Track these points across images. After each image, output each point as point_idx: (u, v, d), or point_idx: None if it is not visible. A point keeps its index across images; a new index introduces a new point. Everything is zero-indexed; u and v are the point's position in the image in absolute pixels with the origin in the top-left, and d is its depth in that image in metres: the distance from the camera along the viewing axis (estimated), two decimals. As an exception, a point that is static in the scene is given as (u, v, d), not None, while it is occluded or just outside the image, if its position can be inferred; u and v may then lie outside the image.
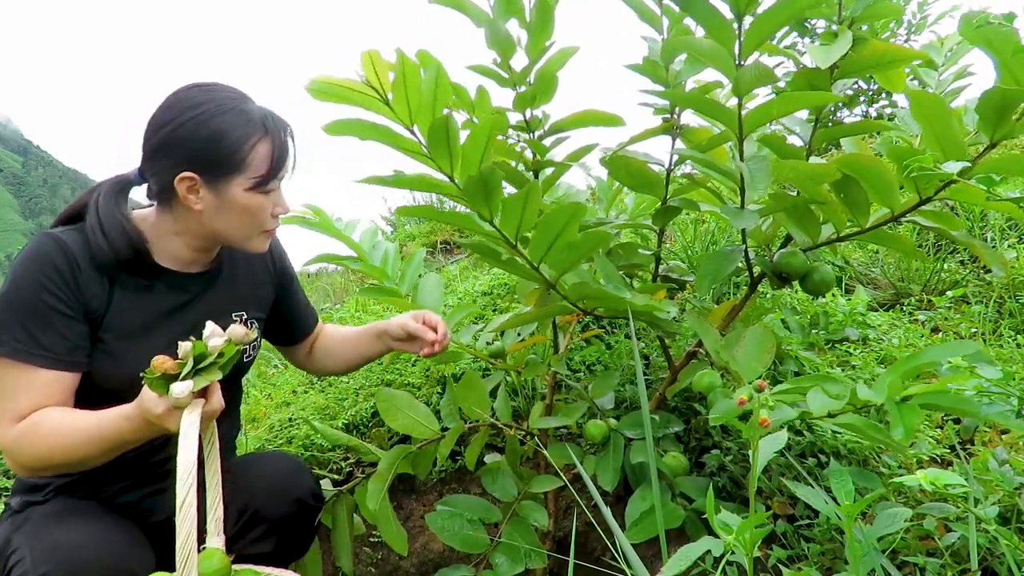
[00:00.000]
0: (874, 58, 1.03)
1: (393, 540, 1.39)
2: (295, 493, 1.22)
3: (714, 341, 1.13)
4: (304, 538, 1.28)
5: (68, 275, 1.06)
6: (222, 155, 1.07)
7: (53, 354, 1.04)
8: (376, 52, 0.96)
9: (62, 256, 1.06)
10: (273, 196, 1.14)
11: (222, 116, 1.07)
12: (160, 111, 1.09)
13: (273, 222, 1.17)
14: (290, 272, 1.38)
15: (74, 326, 1.06)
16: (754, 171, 1.00)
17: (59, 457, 1.02)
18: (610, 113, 1.25)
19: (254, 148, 1.08)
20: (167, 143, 1.08)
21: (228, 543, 1.18)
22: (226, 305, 1.24)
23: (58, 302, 1.05)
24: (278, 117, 1.13)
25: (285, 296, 1.37)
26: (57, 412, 1.04)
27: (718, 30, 0.95)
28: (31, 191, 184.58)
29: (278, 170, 1.12)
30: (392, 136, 1.03)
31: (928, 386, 0.85)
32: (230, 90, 1.12)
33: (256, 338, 1.30)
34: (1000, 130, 0.92)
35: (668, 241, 2.41)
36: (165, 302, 1.16)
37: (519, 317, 1.24)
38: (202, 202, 1.10)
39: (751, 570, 0.77)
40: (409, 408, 1.44)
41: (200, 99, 1.08)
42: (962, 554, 1.02)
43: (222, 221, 1.12)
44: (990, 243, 2.12)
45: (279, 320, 1.38)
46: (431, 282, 1.53)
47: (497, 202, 1.04)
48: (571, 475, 1.38)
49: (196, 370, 0.94)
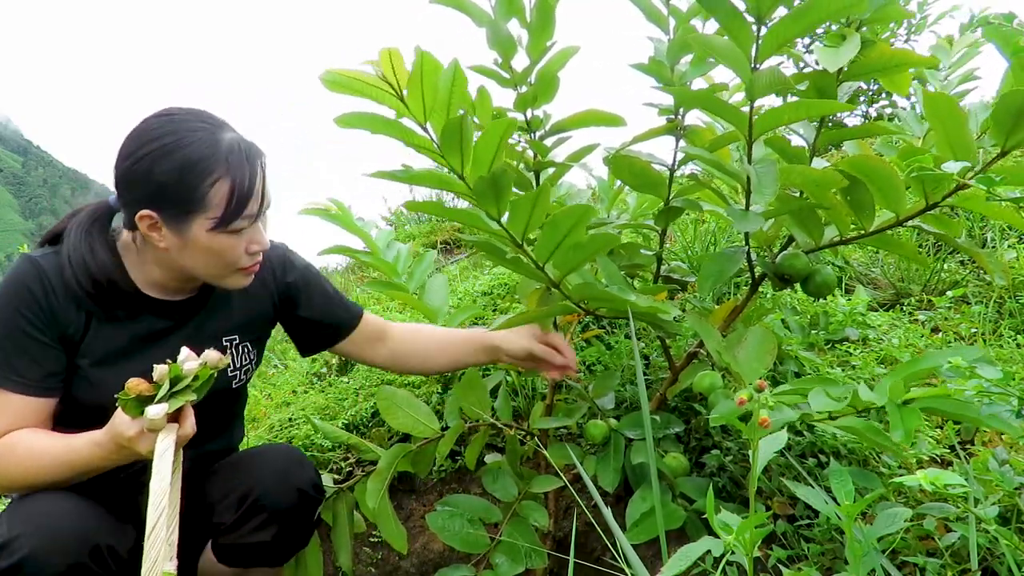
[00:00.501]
0: (880, 61, 1.02)
1: (393, 538, 1.40)
2: (297, 483, 1.21)
3: (715, 342, 1.13)
4: (304, 530, 1.27)
5: (43, 302, 1.06)
6: (180, 194, 1.01)
7: (25, 380, 1.05)
8: (396, 49, 0.95)
9: (38, 282, 1.06)
10: (247, 233, 1.08)
11: (181, 151, 1.01)
12: (125, 141, 1.04)
13: (249, 259, 1.11)
14: (300, 283, 1.32)
15: (48, 353, 1.07)
16: (762, 175, 0.99)
17: (29, 479, 1.04)
18: (611, 113, 1.25)
19: (213, 187, 1.01)
20: (127, 177, 1.03)
21: (228, 531, 1.19)
22: (214, 331, 1.22)
23: (33, 329, 1.05)
24: (250, 149, 1.06)
25: (300, 306, 1.32)
26: (31, 435, 1.05)
27: (737, 31, 0.94)
28: (31, 191, 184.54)
29: (240, 210, 1.04)
30: (404, 132, 1.02)
31: (930, 390, 0.85)
32: (201, 119, 1.05)
33: (252, 360, 1.29)
34: (1014, 136, 0.89)
35: (668, 241, 2.42)
36: (145, 329, 1.14)
37: (521, 316, 1.24)
38: (165, 240, 1.05)
39: (751, 570, 0.77)
40: (409, 406, 1.44)
41: (163, 131, 1.02)
42: (962, 554, 1.02)
43: (188, 260, 1.08)
44: (990, 244, 2.12)
45: (303, 328, 1.35)
46: (438, 282, 1.56)
47: (506, 202, 1.03)
48: (571, 475, 1.38)
49: (171, 393, 0.95)
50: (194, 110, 1.08)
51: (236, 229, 1.05)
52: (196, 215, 1.03)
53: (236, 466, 1.24)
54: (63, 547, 0.97)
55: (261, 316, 1.29)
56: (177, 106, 1.09)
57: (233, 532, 1.19)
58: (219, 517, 1.20)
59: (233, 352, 1.25)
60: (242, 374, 1.27)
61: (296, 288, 1.32)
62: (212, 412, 1.26)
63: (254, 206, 1.06)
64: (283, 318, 1.35)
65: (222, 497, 1.21)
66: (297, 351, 1.43)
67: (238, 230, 1.06)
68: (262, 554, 1.21)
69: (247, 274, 1.13)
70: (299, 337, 1.38)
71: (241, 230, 1.06)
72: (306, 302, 1.33)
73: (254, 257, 1.12)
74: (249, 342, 1.28)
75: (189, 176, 1.00)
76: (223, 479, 1.23)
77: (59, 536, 0.97)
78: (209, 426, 1.29)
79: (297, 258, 1.34)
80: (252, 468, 1.22)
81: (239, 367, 1.26)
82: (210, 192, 1.02)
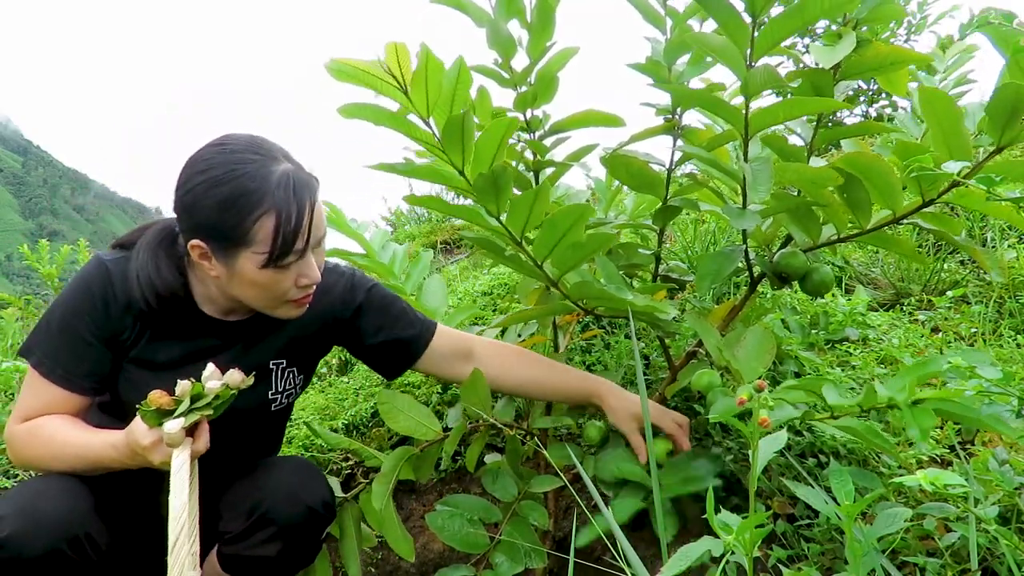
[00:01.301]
0: (877, 60, 1.02)
1: (398, 545, 1.38)
2: (307, 500, 1.19)
3: (715, 341, 1.13)
4: (310, 548, 1.25)
5: (101, 305, 1.09)
6: (226, 228, 1.00)
7: (69, 376, 1.10)
8: (402, 44, 0.95)
9: (101, 285, 1.09)
10: (295, 267, 1.05)
11: (228, 184, 0.99)
12: (183, 168, 1.04)
13: (298, 292, 1.09)
14: (360, 313, 1.27)
15: (97, 356, 1.11)
16: (757, 173, 1.00)
17: (46, 462, 1.09)
18: (610, 113, 1.25)
19: (258, 222, 0.99)
20: (180, 206, 1.03)
21: (233, 541, 1.19)
22: (262, 354, 1.21)
23: (88, 333, 1.09)
24: (301, 182, 1.02)
25: (362, 335, 1.28)
26: (57, 422, 1.10)
27: (733, 29, 0.95)
28: (31, 191, 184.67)
29: (289, 245, 1.01)
30: (406, 125, 1.02)
31: (938, 392, 0.85)
32: (254, 150, 1.03)
33: (296, 385, 1.28)
34: (1009, 132, 0.90)
35: (668, 241, 2.41)
36: (196, 344, 1.16)
37: (520, 314, 1.24)
38: (215, 269, 1.05)
39: (751, 570, 0.77)
40: (410, 409, 1.44)
41: (214, 161, 1.01)
42: (962, 554, 1.02)
43: (238, 290, 1.07)
44: (990, 244, 2.12)
45: (370, 355, 1.32)
46: (435, 283, 1.55)
47: (506, 199, 1.04)
48: (571, 475, 1.38)
49: (190, 409, 0.98)
50: (250, 139, 1.05)
51: (283, 265, 1.03)
52: (242, 249, 1.01)
53: (250, 477, 1.23)
54: (43, 532, 0.99)
55: (313, 344, 1.28)
56: (234, 133, 1.07)
57: (238, 543, 1.19)
58: (226, 525, 1.20)
59: (278, 375, 1.24)
60: (284, 398, 1.26)
61: (356, 320, 1.28)
62: (250, 431, 1.27)
63: (301, 242, 1.03)
64: (346, 346, 1.33)
65: (232, 506, 1.20)
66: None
67: (285, 265, 1.04)
68: (265, 568, 1.20)
69: (299, 306, 1.12)
70: (372, 363, 1.36)
71: (289, 265, 1.04)
72: (370, 327, 1.29)
73: (305, 290, 1.10)
74: (296, 367, 1.27)
75: (234, 210, 0.99)
76: (237, 488, 1.23)
77: (41, 521, 1.00)
78: (247, 443, 1.28)
79: (364, 281, 1.30)
80: (265, 481, 1.21)
81: (281, 391, 1.25)
82: (254, 227, 0.99)
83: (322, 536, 1.26)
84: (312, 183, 1.05)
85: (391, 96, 1.00)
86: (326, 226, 1.10)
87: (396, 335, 1.29)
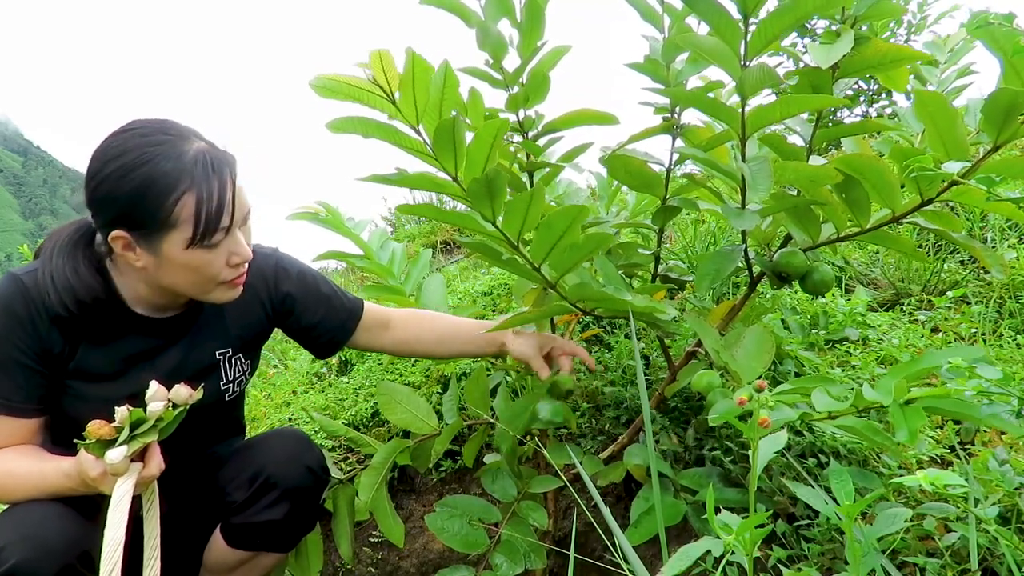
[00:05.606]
0: (876, 58, 1.02)
1: (390, 532, 1.40)
2: (306, 462, 1.23)
3: (714, 341, 1.13)
4: (311, 511, 1.28)
5: (28, 323, 1.04)
6: (147, 213, 0.96)
7: (8, 402, 1.05)
8: (386, 51, 0.95)
9: (22, 303, 1.04)
10: (224, 245, 1.03)
11: (143, 168, 0.96)
12: (90, 161, 1.00)
13: (231, 271, 1.06)
14: (296, 293, 1.28)
15: (33, 376, 1.06)
16: (755, 172, 1.00)
17: (8, 495, 1.04)
18: (604, 112, 1.24)
19: (179, 202, 0.96)
20: (94, 199, 0.99)
21: (239, 509, 1.21)
22: (206, 347, 1.20)
23: (17, 352, 1.04)
24: (217, 158, 1.00)
25: (299, 316, 1.30)
26: (11, 455, 1.05)
27: (724, 29, 0.94)
28: (31, 191, 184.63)
29: (215, 223, 0.99)
30: (396, 135, 1.01)
31: (932, 390, 0.85)
32: (164, 131, 1.00)
33: (245, 372, 1.28)
34: (1005, 132, 0.90)
35: (668, 241, 2.41)
36: (136, 347, 1.13)
37: (519, 316, 1.24)
38: (141, 259, 1.02)
39: (751, 570, 0.77)
40: (408, 402, 1.44)
41: (123, 148, 0.97)
42: (962, 554, 1.02)
43: (168, 278, 1.04)
44: (990, 243, 2.12)
45: (307, 336, 1.34)
46: (435, 283, 1.55)
47: (501, 203, 1.03)
48: (571, 475, 1.38)
49: (133, 436, 0.94)
50: (158, 121, 1.02)
51: (211, 244, 1.01)
52: (166, 233, 0.98)
53: (246, 450, 1.26)
54: (51, 553, 0.97)
55: (255, 328, 1.27)
56: (142, 119, 1.04)
57: (245, 511, 1.20)
58: (231, 496, 1.21)
59: (226, 365, 1.24)
60: (235, 386, 1.26)
61: (292, 299, 1.28)
62: (210, 422, 1.27)
63: (226, 219, 1.01)
64: (283, 328, 1.33)
65: (233, 477, 1.22)
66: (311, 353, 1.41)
67: (214, 244, 1.01)
68: (272, 534, 1.22)
69: (233, 287, 1.09)
70: (307, 344, 1.37)
71: (217, 243, 1.02)
72: (305, 311, 1.30)
73: (237, 269, 1.07)
74: (242, 354, 1.27)
75: (152, 194, 0.96)
76: (234, 463, 1.25)
77: (47, 543, 0.97)
78: (210, 433, 1.30)
79: (291, 263, 1.30)
80: (263, 449, 1.24)
81: (232, 380, 1.25)
82: (176, 208, 0.97)
83: (321, 499, 1.29)
84: (230, 159, 1.04)
85: (380, 107, 0.99)
86: (249, 204, 1.08)
87: (332, 318, 1.33)
